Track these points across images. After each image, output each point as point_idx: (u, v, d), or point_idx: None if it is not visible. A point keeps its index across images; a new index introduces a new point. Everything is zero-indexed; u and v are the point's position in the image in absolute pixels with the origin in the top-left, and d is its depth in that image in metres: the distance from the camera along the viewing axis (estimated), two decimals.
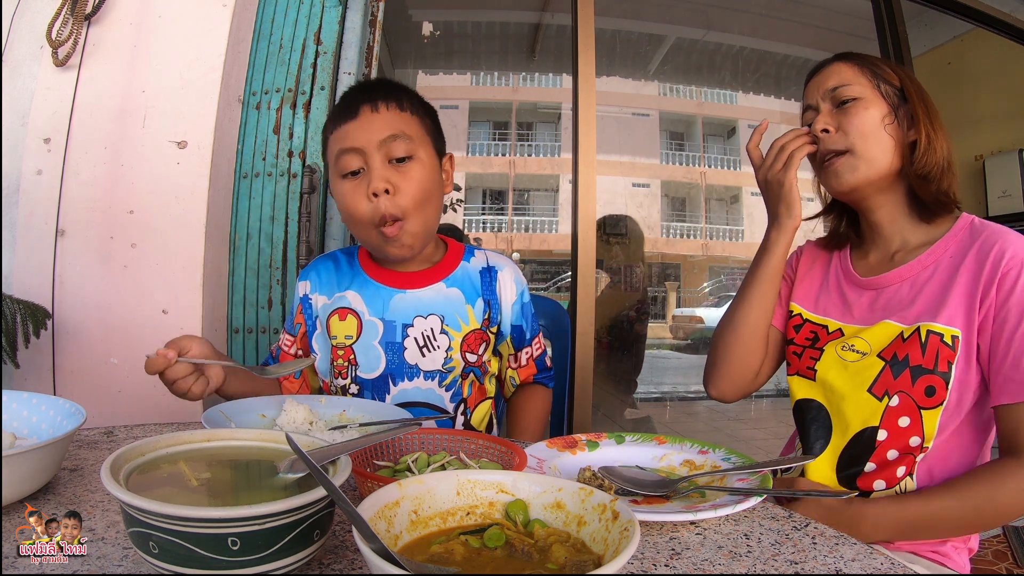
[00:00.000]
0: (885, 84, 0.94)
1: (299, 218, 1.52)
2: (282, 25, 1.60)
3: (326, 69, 1.57)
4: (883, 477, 0.87)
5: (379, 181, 0.93)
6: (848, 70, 0.95)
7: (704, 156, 9.52)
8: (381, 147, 0.94)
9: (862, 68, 0.95)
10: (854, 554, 0.54)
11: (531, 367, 1.13)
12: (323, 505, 0.45)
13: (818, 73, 1.00)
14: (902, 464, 0.86)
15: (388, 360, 1.00)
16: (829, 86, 0.95)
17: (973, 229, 0.90)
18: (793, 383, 0.99)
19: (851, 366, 0.90)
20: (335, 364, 1.03)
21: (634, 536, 0.39)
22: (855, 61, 0.96)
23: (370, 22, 1.66)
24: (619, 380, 3.50)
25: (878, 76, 0.94)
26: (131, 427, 0.89)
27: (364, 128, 0.95)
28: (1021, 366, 0.78)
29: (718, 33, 4.48)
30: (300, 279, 1.09)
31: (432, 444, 0.71)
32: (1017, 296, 0.80)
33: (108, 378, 1.47)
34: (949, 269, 0.87)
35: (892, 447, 0.86)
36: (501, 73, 6.65)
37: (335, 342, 1.02)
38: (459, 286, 1.05)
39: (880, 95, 0.93)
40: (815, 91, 0.98)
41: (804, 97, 1.02)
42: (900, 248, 0.95)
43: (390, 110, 0.96)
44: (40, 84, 1.50)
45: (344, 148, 0.95)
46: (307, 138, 1.56)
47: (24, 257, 1.47)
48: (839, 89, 0.94)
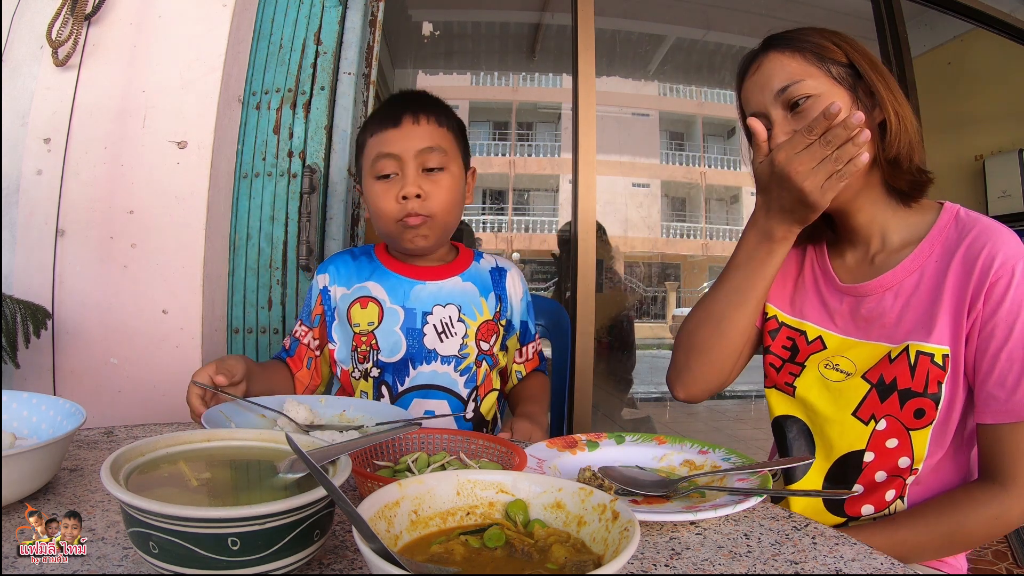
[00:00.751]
0: (835, 65, 0.81)
1: (299, 218, 1.52)
2: (282, 25, 1.60)
3: (326, 69, 1.57)
4: (871, 501, 0.82)
5: (412, 187, 1.01)
6: (791, 62, 0.82)
7: (704, 156, 9.53)
8: (418, 156, 1.02)
9: (804, 54, 0.82)
10: (854, 554, 0.54)
11: (535, 360, 1.20)
12: (323, 505, 0.45)
13: (753, 71, 0.85)
14: (891, 487, 0.81)
15: (408, 345, 1.07)
16: (775, 87, 0.82)
17: (959, 223, 0.81)
18: (771, 396, 0.92)
19: (834, 387, 0.84)
20: (358, 350, 1.08)
21: (634, 536, 0.39)
22: (792, 48, 0.83)
23: (370, 22, 1.66)
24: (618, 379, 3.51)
25: (824, 59, 0.81)
26: (131, 427, 0.89)
27: (404, 137, 1.02)
28: (1006, 384, 0.73)
29: (718, 33, 4.48)
30: (319, 272, 1.14)
31: (432, 444, 0.71)
32: (1006, 308, 0.73)
33: (108, 378, 1.47)
34: (936, 276, 0.79)
35: (880, 468, 0.81)
36: (501, 73, 6.66)
37: (357, 329, 1.08)
38: (473, 281, 1.13)
39: (834, 81, 0.81)
40: (757, 94, 0.84)
41: (742, 101, 0.88)
42: (880, 249, 0.86)
43: (429, 123, 1.04)
44: (40, 84, 1.50)
45: (383, 152, 1.02)
46: (307, 138, 1.55)
47: (24, 257, 1.47)
48: (789, 88, 0.81)
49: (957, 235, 0.80)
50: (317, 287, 1.12)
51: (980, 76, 3.80)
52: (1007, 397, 0.73)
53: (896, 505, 0.81)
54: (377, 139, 1.04)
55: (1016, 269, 0.74)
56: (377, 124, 1.05)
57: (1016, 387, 0.73)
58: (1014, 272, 0.74)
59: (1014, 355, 0.73)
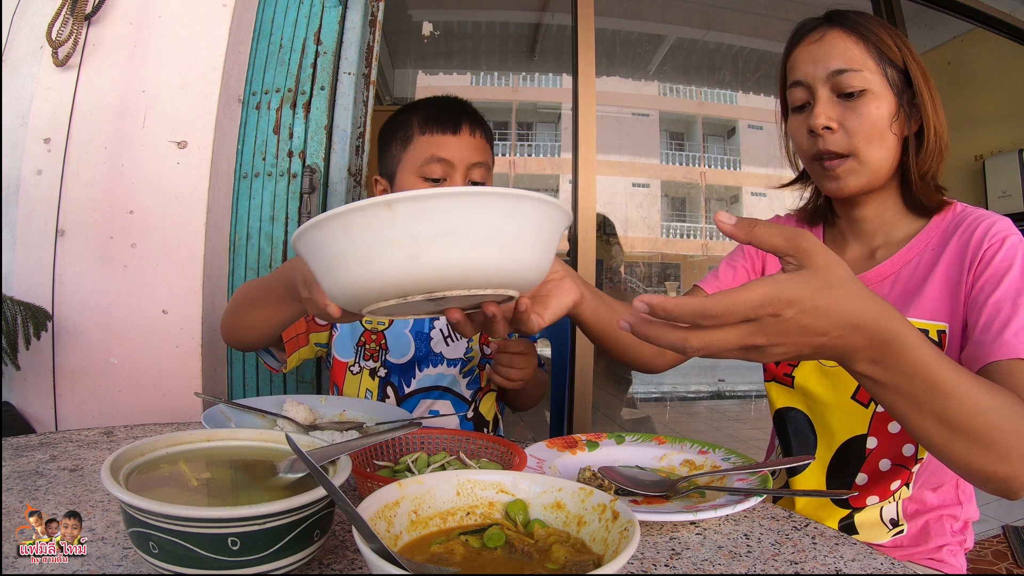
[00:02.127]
0: (891, 67, 0.80)
1: (299, 218, 1.52)
2: (282, 25, 1.60)
3: (326, 69, 1.57)
4: (876, 492, 0.81)
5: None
6: (853, 47, 0.80)
7: (704, 156, 9.52)
8: (469, 168, 1.04)
9: (868, 45, 0.80)
10: (854, 554, 0.54)
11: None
12: (323, 505, 0.45)
13: (811, 40, 0.83)
14: (896, 478, 0.80)
15: (416, 347, 1.09)
16: (832, 67, 0.80)
17: (956, 215, 0.82)
18: (771, 390, 0.92)
19: (831, 372, 0.83)
20: (366, 346, 1.09)
21: (634, 536, 0.39)
22: (858, 33, 0.81)
23: (370, 22, 1.66)
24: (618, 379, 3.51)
25: (884, 57, 0.80)
26: (131, 427, 0.89)
27: (461, 146, 1.04)
28: (991, 330, 0.70)
29: (718, 33, 4.48)
30: None
31: (432, 444, 0.71)
32: (995, 266, 0.73)
33: (108, 378, 1.47)
34: (931, 259, 0.80)
35: (884, 456, 0.80)
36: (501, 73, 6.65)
37: (369, 326, 1.10)
38: None
39: (888, 84, 0.80)
40: (811, 64, 0.82)
41: (790, 67, 0.85)
42: (882, 244, 0.87)
43: (482, 138, 1.07)
44: (40, 84, 1.50)
45: (439, 156, 1.03)
46: (307, 138, 1.55)
47: (24, 257, 1.48)
48: (845, 75, 0.79)
49: (955, 224, 0.81)
50: None
51: (980, 76, 3.80)
52: (991, 341, 0.70)
53: (902, 493, 0.80)
54: (433, 141, 1.03)
55: (1007, 240, 0.75)
56: (436, 125, 1.04)
57: (1000, 332, 0.70)
58: (1004, 241, 0.75)
59: (1001, 304, 0.71)
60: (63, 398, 1.48)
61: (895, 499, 0.81)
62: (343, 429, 0.79)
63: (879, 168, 0.81)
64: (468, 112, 1.07)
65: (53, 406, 1.47)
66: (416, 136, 1.05)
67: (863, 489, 0.82)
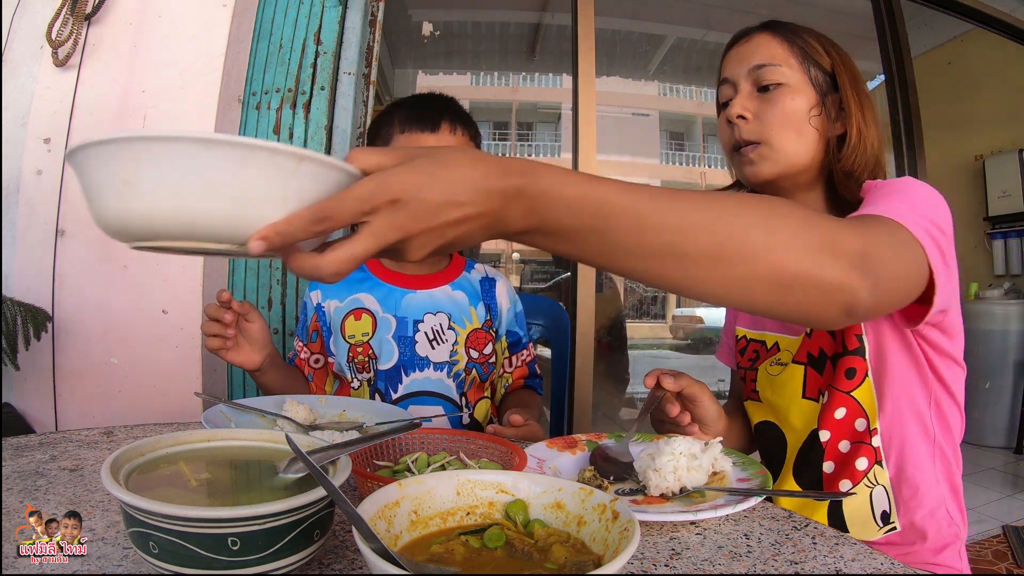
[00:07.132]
0: (815, 68, 0.84)
1: None
2: (282, 25, 1.60)
3: (326, 69, 1.57)
4: (847, 476, 0.82)
5: None
6: (777, 47, 0.84)
7: (704, 156, 9.52)
8: None
9: (792, 46, 0.84)
10: (854, 554, 0.54)
11: (523, 368, 1.20)
12: (323, 505, 0.45)
13: (742, 42, 0.88)
14: (860, 455, 0.80)
15: (401, 352, 1.07)
16: (753, 62, 0.84)
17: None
18: (749, 408, 0.95)
19: (776, 380, 0.87)
20: (356, 361, 1.08)
21: (634, 536, 0.39)
22: (785, 36, 0.85)
23: (370, 22, 1.66)
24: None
25: (809, 58, 0.84)
26: (131, 427, 0.89)
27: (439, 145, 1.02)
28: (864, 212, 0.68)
29: (718, 33, 4.48)
30: (310, 289, 1.13)
31: (432, 444, 0.71)
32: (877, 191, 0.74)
33: (108, 378, 1.47)
34: None
35: (840, 439, 0.81)
36: (501, 73, 6.66)
37: (352, 340, 1.08)
38: (463, 289, 1.13)
39: (809, 81, 0.83)
40: (736, 64, 0.86)
41: (721, 67, 0.90)
42: None
43: (462, 135, 1.04)
44: (40, 84, 1.50)
45: None
46: (307, 138, 1.55)
47: (24, 257, 1.48)
48: (764, 69, 0.83)
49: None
50: (311, 304, 1.12)
51: (980, 76, 3.81)
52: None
53: (877, 474, 0.80)
54: (412, 139, 1.01)
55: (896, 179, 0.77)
56: (415, 124, 1.02)
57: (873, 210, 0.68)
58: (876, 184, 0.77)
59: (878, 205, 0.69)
60: (63, 398, 1.48)
61: (873, 482, 0.81)
62: (343, 429, 0.79)
63: (793, 159, 0.83)
64: (449, 110, 1.04)
65: (53, 406, 1.48)
66: (396, 135, 1.03)
67: (832, 476, 0.83)
